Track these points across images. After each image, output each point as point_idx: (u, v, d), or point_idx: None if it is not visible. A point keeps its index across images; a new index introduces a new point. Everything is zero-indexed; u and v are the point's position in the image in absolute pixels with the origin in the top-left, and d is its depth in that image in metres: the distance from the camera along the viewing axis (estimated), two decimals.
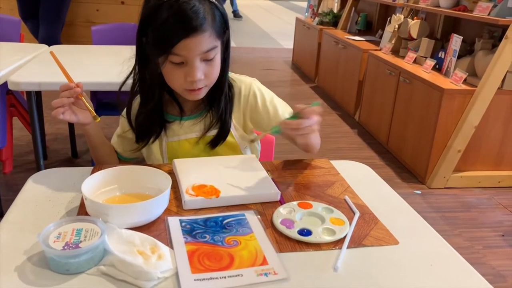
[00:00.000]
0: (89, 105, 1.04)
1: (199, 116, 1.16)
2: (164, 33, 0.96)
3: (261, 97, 1.19)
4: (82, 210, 0.89)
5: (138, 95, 1.15)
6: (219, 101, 1.13)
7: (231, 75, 1.18)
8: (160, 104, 1.14)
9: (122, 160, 1.25)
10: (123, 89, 1.17)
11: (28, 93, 1.90)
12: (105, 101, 2.41)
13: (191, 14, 0.94)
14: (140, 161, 1.24)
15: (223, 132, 1.15)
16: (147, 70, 1.07)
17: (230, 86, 1.17)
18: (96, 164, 1.15)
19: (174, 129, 1.16)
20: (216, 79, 1.08)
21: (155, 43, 0.99)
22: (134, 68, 1.11)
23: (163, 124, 1.15)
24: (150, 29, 0.99)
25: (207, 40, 0.98)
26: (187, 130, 1.16)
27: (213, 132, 1.16)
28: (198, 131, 1.16)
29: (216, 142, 1.16)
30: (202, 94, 1.08)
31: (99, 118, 1.06)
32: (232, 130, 1.17)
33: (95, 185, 0.91)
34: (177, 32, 0.95)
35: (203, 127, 1.16)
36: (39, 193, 0.96)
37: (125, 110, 1.18)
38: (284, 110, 1.20)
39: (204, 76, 1.02)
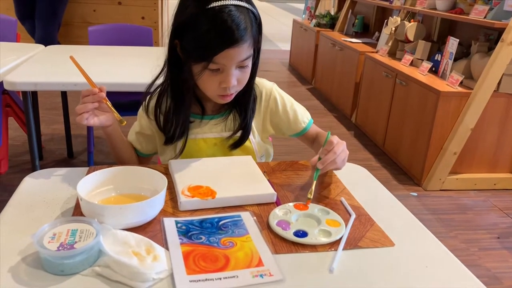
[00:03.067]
0: (113, 108, 1.03)
1: (220, 117, 1.17)
2: (205, 43, 0.96)
3: (282, 102, 1.22)
4: (77, 211, 0.88)
5: (156, 95, 1.15)
6: (247, 104, 1.15)
7: None
8: (189, 107, 1.14)
9: (141, 157, 1.25)
10: (130, 90, 1.16)
11: (24, 93, 1.90)
12: None
13: (235, 25, 0.94)
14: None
15: (245, 134, 1.17)
16: (179, 74, 1.06)
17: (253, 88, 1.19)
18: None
19: (194, 127, 1.17)
20: (245, 84, 1.09)
21: (194, 51, 0.99)
22: (162, 70, 1.11)
23: (187, 123, 1.15)
24: (189, 36, 0.98)
25: (246, 50, 0.99)
26: (206, 129, 1.17)
27: (232, 135, 1.16)
28: (216, 131, 1.17)
29: (238, 144, 1.17)
30: (232, 98, 1.09)
31: (125, 122, 1.05)
32: (250, 135, 1.18)
33: (90, 185, 0.91)
34: (219, 43, 0.95)
35: (223, 128, 1.16)
36: (34, 194, 0.96)
37: (142, 107, 1.18)
38: (303, 114, 1.25)
39: (237, 82, 1.04)
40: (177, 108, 1.12)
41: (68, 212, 0.89)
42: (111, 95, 1.17)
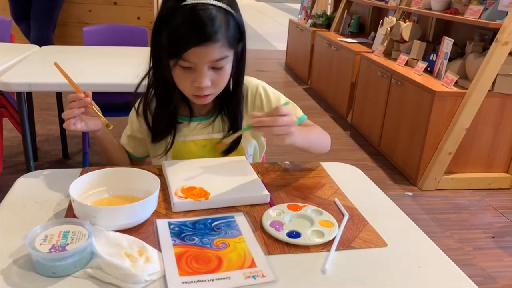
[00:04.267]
0: (100, 113, 1.03)
1: (208, 119, 1.16)
2: (177, 37, 0.96)
3: (267, 99, 1.19)
4: (70, 213, 0.88)
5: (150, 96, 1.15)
6: (236, 108, 1.13)
7: None
8: (175, 107, 1.14)
9: (134, 160, 1.25)
10: (125, 90, 1.16)
11: (19, 93, 1.89)
12: (97, 102, 2.39)
13: (206, 22, 0.94)
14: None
15: (237, 139, 1.16)
16: (160, 71, 1.07)
17: None
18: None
19: (182, 129, 1.16)
20: (224, 87, 1.08)
21: (167, 46, 0.99)
22: (149, 69, 1.11)
23: (175, 124, 1.15)
24: (164, 30, 0.99)
25: (218, 50, 0.97)
26: (195, 131, 1.16)
27: (220, 136, 1.16)
28: (205, 133, 1.16)
29: (231, 149, 1.16)
30: (209, 100, 1.08)
31: (111, 126, 1.05)
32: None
33: (83, 187, 0.91)
34: (189, 39, 0.95)
35: (211, 130, 1.16)
36: (27, 195, 0.95)
37: (133, 110, 1.18)
38: (294, 112, 1.19)
39: (211, 83, 1.02)
40: (162, 106, 1.12)
41: (60, 213, 0.89)
42: (106, 95, 1.17)
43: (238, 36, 1.02)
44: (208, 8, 0.95)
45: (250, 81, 1.20)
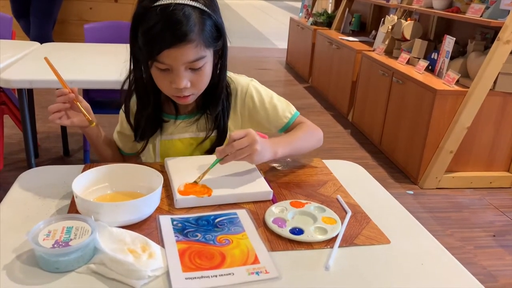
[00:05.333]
0: (85, 109, 1.03)
1: (192, 117, 1.15)
2: (150, 39, 0.94)
3: (259, 98, 1.17)
4: (72, 208, 0.88)
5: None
6: (216, 106, 1.12)
7: (229, 74, 1.16)
8: (158, 105, 1.13)
9: (125, 156, 1.26)
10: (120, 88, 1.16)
11: (19, 90, 1.89)
12: (97, 100, 2.39)
13: (178, 23, 0.92)
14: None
15: (221, 136, 1.15)
16: (139, 73, 1.06)
17: (227, 85, 1.15)
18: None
19: (169, 127, 1.16)
20: (204, 87, 1.06)
21: (143, 47, 0.97)
22: (129, 69, 1.09)
23: (159, 124, 1.15)
24: (140, 31, 0.97)
25: (193, 50, 0.95)
26: (181, 130, 1.16)
27: (207, 134, 1.15)
28: (191, 131, 1.15)
29: (214, 147, 1.14)
30: (190, 100, 1.07)
31: (94, 123, 1.05)
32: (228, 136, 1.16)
33: (86, 183, 0.91)
34: (162, 40, 0.93)
35: (196, 129, 1.15)
36: (29, 191, 0.95)
37: (123, 108, 1.17)
38: (284, 108, 1.18)
39: (191, 84, 1.01)
40: (142, 107, 1.12)
41: (63, 209, 0.89)
42: (107, 93, 1.17)
43: (216, 35, 1.00)
44: (181, 8, 0.92)
45: (239, 80, 1.18)
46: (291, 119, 1.19)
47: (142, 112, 1.12)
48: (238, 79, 1.18)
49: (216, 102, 1.12)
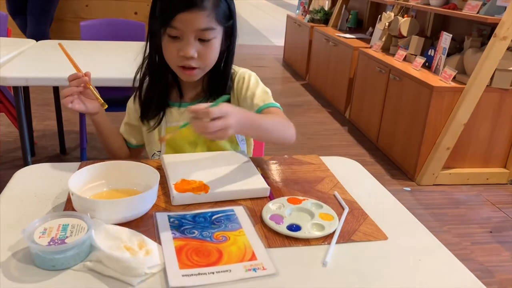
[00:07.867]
0: (96, 93, 1.05)
1: (197, 103, 1.15)
2: (166, 4, 1.00)
3: (246, 84, 1.17)
4: (68, 206, 0.87)
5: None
6: (222, 92, 1.13)
7: (233, 66, 1.18)
8: (166, 86, 1.16)
9: (132, 149, 1.27)
10: (121, 85, 1.18)
11: (15, 88, 1.88)
12: None
13: None
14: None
15: None
16: (154, 40, 1.09)
17: (231, 77, 1.18)
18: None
19: (174, 114, 1.17)
20: (211, 63, 1.09)
21: (158, 15, 1.03)
22: (145, 47, 1.13)
23: (164, 107, 1.17)
24: (156, 1, 1.03)
25: (205, 19, 1.00)
26: (186, 117, 1.16)
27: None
28: None
29: None
30: (196, 76, 1.08)
31: (106, 105, 1.06)
32: None
33: (82, 180, 0.90)
34: (177, 4, 0.98)
35: None
36: (25, 189, 0.95)
37: (131, 99, 1.20)
38: (261, 98, 1.14)
39: (198, 55, 1.04)
40: (154, 82, 1.15)
41: (59, 207, 0.88)
42: (103, 90, 1.17)
43: (228, 14, 1.05)
44: None
45: (241, 70, 1.21)
46: (267, 104, 1.14)
47: (154, 88, 1.15)
48: (240, 70, 1.20)
49: (221, 89, 1.14)
